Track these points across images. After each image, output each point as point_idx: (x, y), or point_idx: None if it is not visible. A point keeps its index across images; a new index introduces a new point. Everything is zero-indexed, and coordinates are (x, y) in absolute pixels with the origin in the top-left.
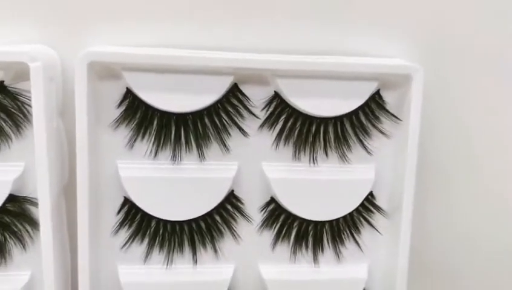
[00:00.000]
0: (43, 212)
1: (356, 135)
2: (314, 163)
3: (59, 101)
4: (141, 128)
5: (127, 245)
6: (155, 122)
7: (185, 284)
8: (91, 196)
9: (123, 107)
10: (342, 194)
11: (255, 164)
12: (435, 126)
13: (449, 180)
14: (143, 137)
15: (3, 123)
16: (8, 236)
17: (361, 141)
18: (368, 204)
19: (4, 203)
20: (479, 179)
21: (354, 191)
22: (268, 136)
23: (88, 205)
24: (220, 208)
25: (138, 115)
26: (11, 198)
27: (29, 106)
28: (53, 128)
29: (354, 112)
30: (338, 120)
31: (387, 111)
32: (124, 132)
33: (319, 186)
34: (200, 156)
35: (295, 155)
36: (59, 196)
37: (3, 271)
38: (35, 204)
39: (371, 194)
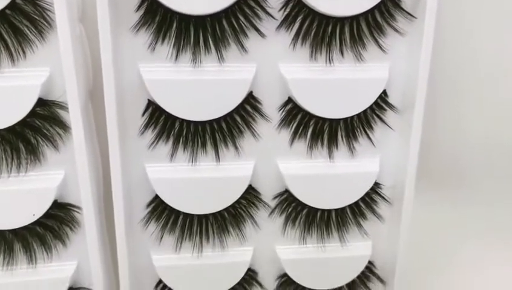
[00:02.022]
0: (74, 114)
1: (371, 34)
2: (330, 63)
3: (79, 8)
4: (160, 31)
5: (153, 145)
6: (174, 26)
7: (209, 180)
8: (117, 98)
9: (142, 11)
10: (357, 93)
11: (273, 65)
12: (448, 28)
13: (458, 82)
14: (163, 40)
15: (27, 30)
16: (40, 139)
17: (375, 40)
18: (381, 102)
19: (34, 107)
20: (486, 83)
21: (368, 90)
22: (285, 37)
23: (115, 107)
24: (240, 109)
25: (158, 19)
26: (41, 102)
27: (51, 11)
28: (76, 34)
29: (370, 11)
30: (353, 20)
31: (403, 9)
32: (145, 36)
33: (334, 86)
34: (219, 59)
35: (312, 55)
36: (86, 100)
37: (39, 171)
38: (64, 108)
39: (384, 92)
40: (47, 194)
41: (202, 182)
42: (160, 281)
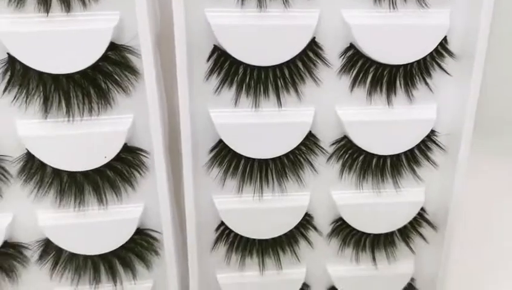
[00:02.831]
0: (146, 59)
1: None
2: (393, 8)
3: None
4: None
5: (218, 90)
6: None
7: (271, 125)
8: (187, 44)
9: None
10: (418, 39)
11: (336, 11)
12: None
13: None
14: None
15: None
16: (110, 84)
17: None
18: (441, 49)
19: (106, 51)
20: None
21: (429, 36)
22: None
23: (185, 52)
24: (302, 55)
25: None
26: (112, 46)
27: None
28: None
29: None
30: None
31: None
32: None
33: (397, 32)
34: (284, 3)
35: (375, 0)
36: (155, 45)
37: (110, 115)
38: (133, 53)
39: (444, 38)
40: (118, 137)
41: (264, 127)
42: (221, 223)
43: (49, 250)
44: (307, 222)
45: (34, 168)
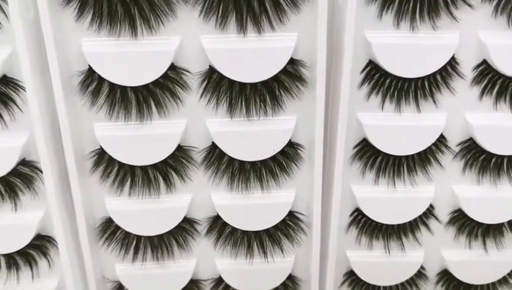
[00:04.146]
0: (320, 73)
1: None
2: None
3: None
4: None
5: (368, 97)
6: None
7: (410, 127)
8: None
9: None
10: None
11: (473, 33)
12: None
13: None
14: (387, 10)
15: (283, 2)
16: (282, 91)
17: None
18: None
19: (286, 65)
20: None
21: None
22: (488, 8)
23: (350, 70)
24: (441, 69)
25: None
26: (290, 61)
27: None
28: None
29: None
30: None
31: None
32: (374, 6)
33: None
34: (432, 26)
35: (509, 24)
36: None
37: (279, 116)
38: (305, 66)
39: None
40: (285, 134)
41: (404, 128)
42: (356, 209)
43: (215, 226)
44: (429, 211)
45: (213, 158)
